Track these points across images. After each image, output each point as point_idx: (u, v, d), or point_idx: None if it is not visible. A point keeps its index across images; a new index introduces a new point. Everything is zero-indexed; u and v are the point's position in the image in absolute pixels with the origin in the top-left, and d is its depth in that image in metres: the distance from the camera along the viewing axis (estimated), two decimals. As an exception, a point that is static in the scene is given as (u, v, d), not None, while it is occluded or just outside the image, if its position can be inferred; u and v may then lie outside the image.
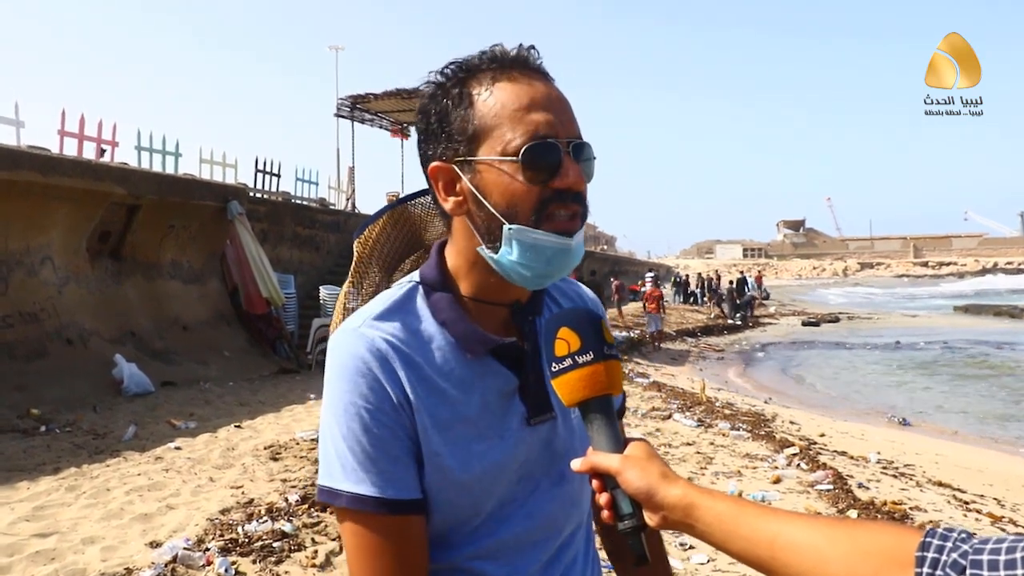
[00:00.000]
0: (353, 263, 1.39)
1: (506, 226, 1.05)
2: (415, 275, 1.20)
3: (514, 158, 1.03)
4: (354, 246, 1.38)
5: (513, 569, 1.13)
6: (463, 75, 1.10)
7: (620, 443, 1.00)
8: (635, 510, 0.95)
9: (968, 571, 0.71)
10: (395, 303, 1.15)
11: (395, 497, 1.05)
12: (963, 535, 0.75)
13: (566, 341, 1.01)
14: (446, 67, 1.11)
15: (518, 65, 1.09)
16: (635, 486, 0.94)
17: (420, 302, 1.15)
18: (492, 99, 1.06)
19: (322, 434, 1.10)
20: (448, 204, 1.12)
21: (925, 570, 0.74)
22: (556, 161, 1.04)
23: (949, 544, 0.75)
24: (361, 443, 1.05)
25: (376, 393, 1.06)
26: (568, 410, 1.15)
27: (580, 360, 1.00)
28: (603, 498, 0.98)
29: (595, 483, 0.99)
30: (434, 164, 1.11)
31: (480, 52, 1.11)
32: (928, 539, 0.76)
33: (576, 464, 1.01)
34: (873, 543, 0.80)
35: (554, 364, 1.02)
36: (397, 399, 1.06)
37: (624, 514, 0.96)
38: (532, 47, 1.11)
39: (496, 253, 1.08)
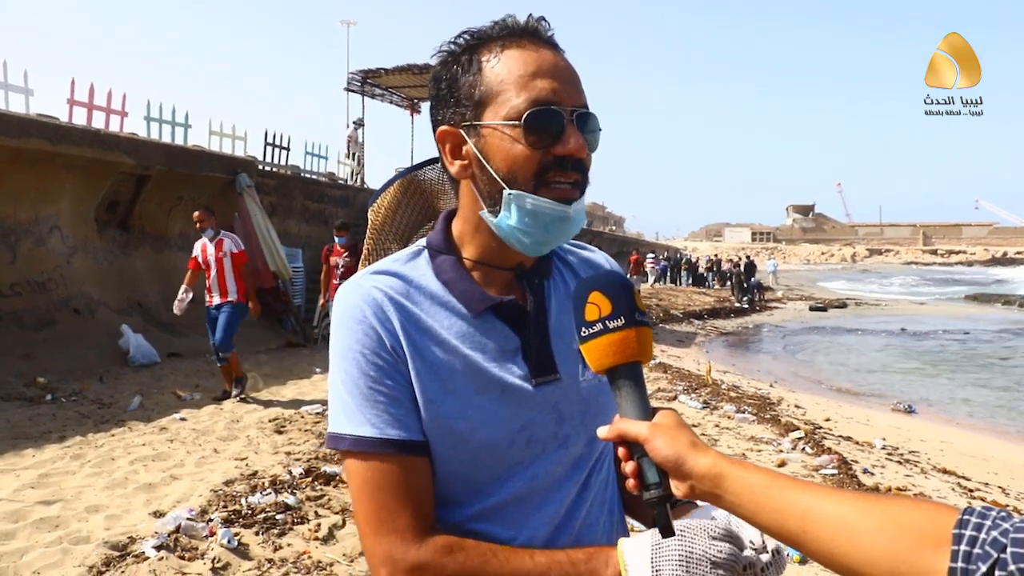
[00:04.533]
0: (367, 232, 1.40)
1: (506, 191, 1.07)
2: (422, 240, 1.23)
3: (517, 123, 1.05)
4: (368, 214, 1.40)
5: (519, 531, 1.12)
6: (474, 43, 1.13)
7: (648, 411, 0.98)
8: (662, 479, 0.93)
9: (1009, 549, 0.68)
10: (398, 262, 1.18)
11: (397, 437, 1.07)
12: (1002, 514, 0.73)
13: (597, 306, 0.99)
14: (459, 35, 1.14)
15: (528, 34, 1.11)
16: (663, 454, 0.92)
17: (424, 263, 1.18)
18: (499, 65, 1.09)
19: (329, 384, 1.13)
20: (454, 168, 1.14)
21: (963, 547, 0.72)
22: (559, 128, 1.06)
23: (988, 522, 0.72)
24: (360, 387, 1.08)
25: (372, 339, 1.09)
26: (576, 373, 1.15)
27: (611, 325, 0.98)
28: (629, 466, 0.96)
29: (621, 451, 0.97)
30: (442, 128, 1.14)
31: (492, 22, 1.13)
32: (966, 516, 0.74)
33: (603, 431, 0.99)
34: (908, 518, 0.77)
35: (584, 329, 1.00)
36: (391, 345, 1.09)
37: (650, 483, 0.93)
38: (543, 18, 1.13)
39: (496, 217, 1.10)
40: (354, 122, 20.08)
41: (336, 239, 10.45)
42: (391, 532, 1.05)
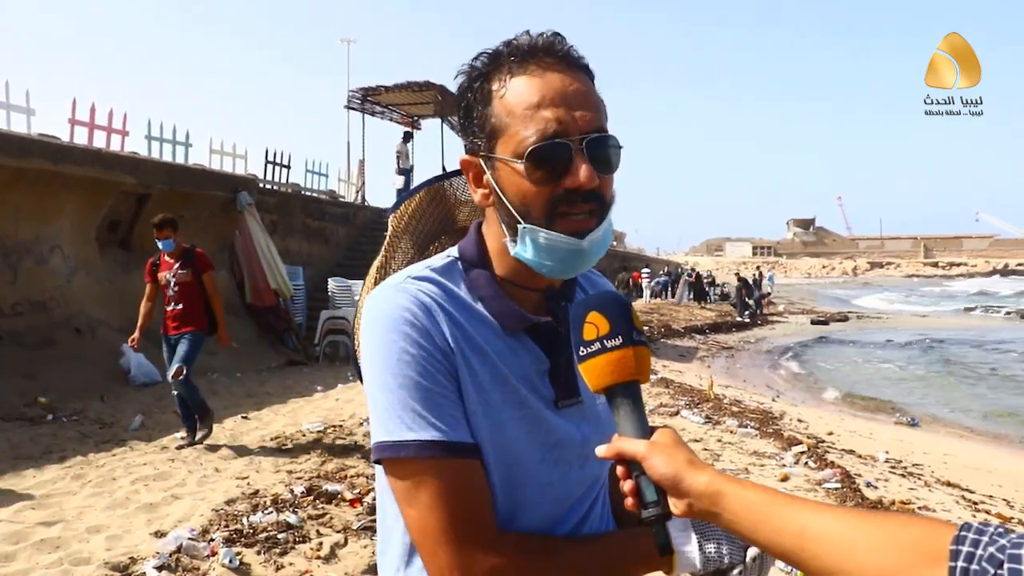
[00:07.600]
0: (387, 237, 1.40)
1: (520, 224, 1.07)
2: (453, 250, 1.21)
3: (521, 161, 1.04)
4: (389, 220, 1.40)
5: None
6: (487, 68, 1.11)
7: (647, 430, 0.98)
8: (660, 498, 0.93)
9: (1006, 565, 0.68)
10: (434, 270, 1.16)
11: (462, 440, 1.05)
12: (1000, 530, 0.73)
13: (595, 325, 1.00)
14: (475, 58, 1.13)
15: (538, 54, 1.08)
16: (661, 472, 0.92)
17: (458, 276, 1.17)
18: (507, 96, 1.08)
19: (372, 391, 1.08)
20: (477, 196, 1.15)
21: (960, 563, 0.71)
22: (566, 160, 1.04)
23: (985, 538, 0.72)
24: (420, 390, 1.04)
25: (428, 341, 1.06)
26: (594, 395, 1.13)
27: (609, 344, 0.98)
28: (627, 485, 0.96)
29: (620, 469, 0.97)
30: (464, 157, 1.15)
31: (506, 41, 1.11)
32: (963, 532, 0.74)
33: (601, 450, 0.99)
34: (906, 534, 0.77)
35: (582, 348, 1.00)
36: (444, 349, 1.07)
37: (648, 502, 0.93)
38: (557, 34, 1.11)
39: (515, 249, 1.10)
40: (403, 134, 19.95)
41: (159, 244, 6.87)
42: (470, 537, 1.02)
